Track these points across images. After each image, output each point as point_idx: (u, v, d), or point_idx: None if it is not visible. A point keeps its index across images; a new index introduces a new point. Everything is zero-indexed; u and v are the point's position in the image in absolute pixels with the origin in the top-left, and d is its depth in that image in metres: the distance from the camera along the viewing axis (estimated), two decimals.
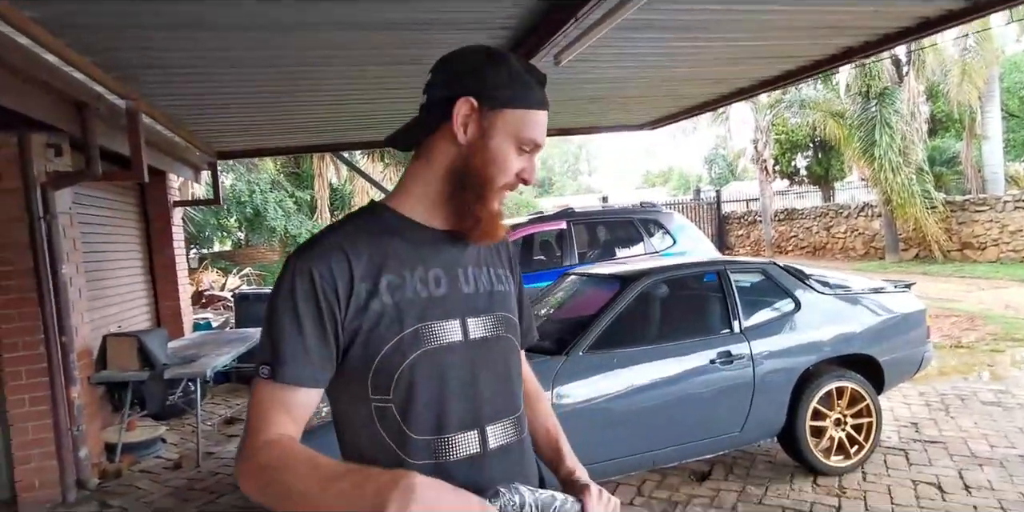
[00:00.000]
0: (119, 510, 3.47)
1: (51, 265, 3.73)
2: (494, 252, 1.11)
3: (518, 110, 0.97)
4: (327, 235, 0.97)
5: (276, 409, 0.88)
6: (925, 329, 3.73)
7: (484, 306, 1.02)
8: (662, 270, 3.63)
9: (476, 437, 0.97)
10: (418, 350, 0.94)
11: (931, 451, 3.56)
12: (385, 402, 0.94)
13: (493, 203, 0.99)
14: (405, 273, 0.96)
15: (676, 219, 6.94)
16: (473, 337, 1.00)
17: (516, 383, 1.06)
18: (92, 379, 4.15)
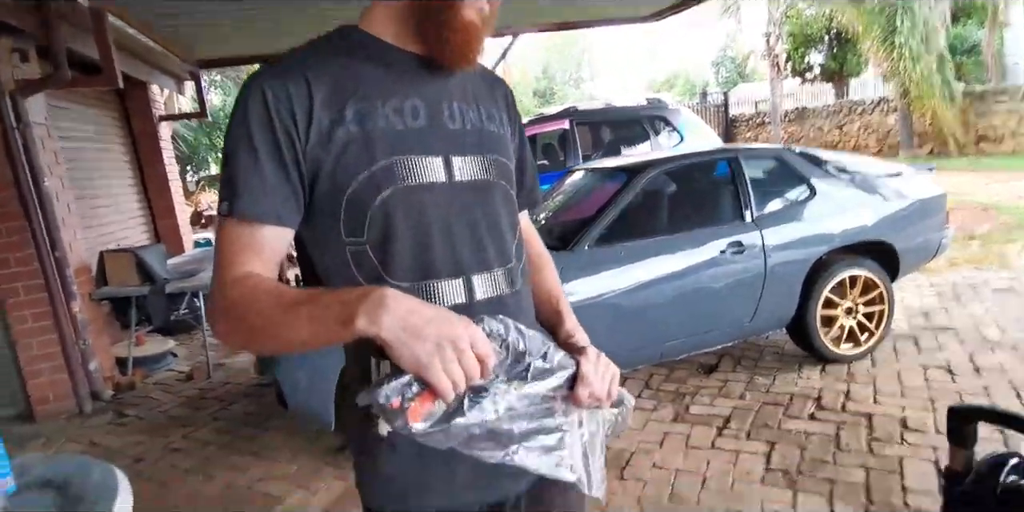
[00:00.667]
0: (135, 419, 3.53)
1: (32, 177, 3.60)
2: (488, 91, 0.97)
3: None
4: (286, 57, 0.85)
5: (242, 250, 0.80)
6: (944, 214, 3.58)
7: (473, 145, 0.89)
8: (671, 160, 3.44)
9: (461, 287, 0.87)
10: (392, 186, 0.82)
11: (941, 337, 3.52)
12: (359, 245, 0.84)
13: (466, 9, 0.81)
14: (376, 101, 0.83)
15: (683, 115, 6.63)
16: (459, 179, 0.87)
17: (509, 234, 0.93)
18: (93, 295, 4.13)
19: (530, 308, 0.98)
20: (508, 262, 0.92)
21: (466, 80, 0.93)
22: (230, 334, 0.80)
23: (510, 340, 0.75)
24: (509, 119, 1.00)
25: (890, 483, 2.24)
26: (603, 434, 0.91)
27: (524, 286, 0.96)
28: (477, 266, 0.88)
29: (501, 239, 0.92)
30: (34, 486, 1.48)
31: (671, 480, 2.40)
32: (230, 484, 2.66)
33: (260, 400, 3.59)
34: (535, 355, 0.78)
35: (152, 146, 6.30)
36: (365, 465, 0.93)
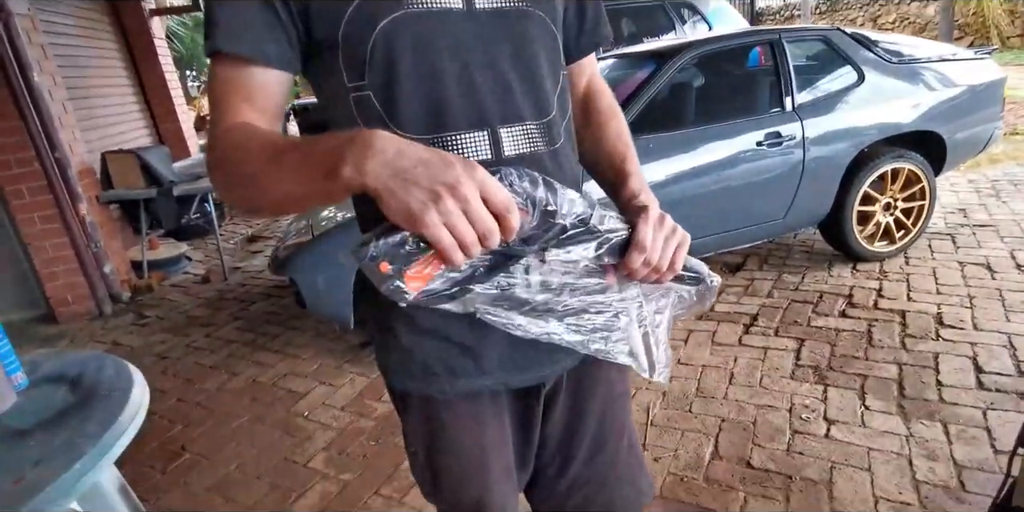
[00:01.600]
0: (156, 319, 3.54)
1: (21, 74, 3.40)
2: None
3: None
4: None
5: (233, 95, 0.69)
6: (1001, 103, 3.31)
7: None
8: (706, 43, 3.14)
9: (486, 139, 0.72)
10: (396, 11, 0.66)
11: (980, 234, 3.37)
12: (361, 89, 0.70)
13: None
14: None
15: (712, 1, 6.10)
16: (481, 6, 0.70)
17: (548, 80, 0.76)
18: (100, 198, 4.03)
19: (574, 170, 0.82)
20: (546, 114, 0.76)
21: None
22: (223, 188, 0.69)
23: (537, 196, 0.59)
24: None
25: (924, 378, 2.19)
26: (670, 314, 0.80)
27: (567, 143, 0.80)
28: (504, 117, 0.72)
29: (536, 85, 0.75)
30: (46, 382, 1.45)
31: (697, 375, 2.37)
32: (254, 380, 2.68)
33: (279, 301, 3.57)
34: (569, 216, 0.62)
35: (146, 44, 5.96)
36: (383, 341, 0.83)
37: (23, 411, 1.33)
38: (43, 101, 3.49)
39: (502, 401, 0.86)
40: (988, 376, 2.14)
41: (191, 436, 2.30)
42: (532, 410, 0.88)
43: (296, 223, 3.41)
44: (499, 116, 0.72)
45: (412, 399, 0.85)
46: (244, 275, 4.15)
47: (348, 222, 2.69)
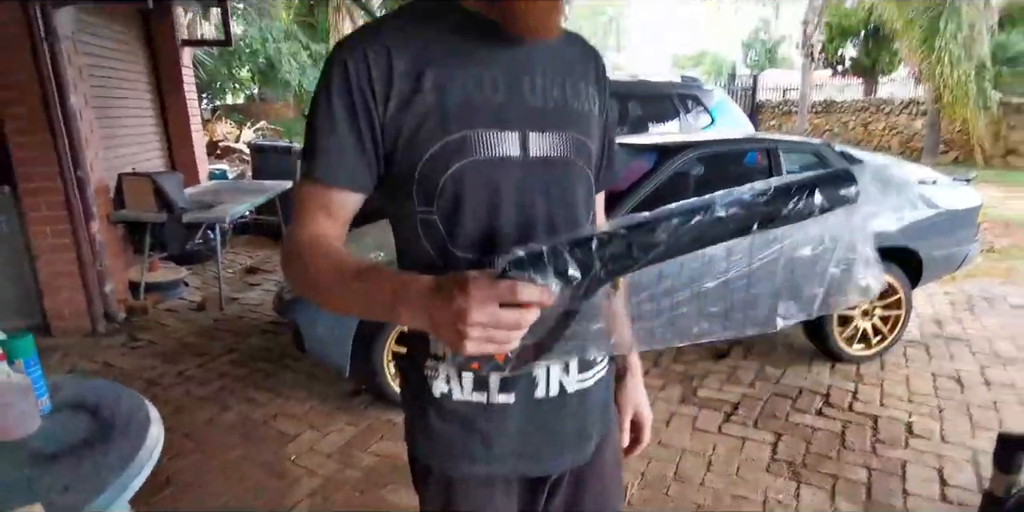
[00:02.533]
0: (148, 343, 3.56)
1: (59, 93, 3.57)
2: (578, 63, 0.93)
3: None
4: (371, 25, 0.85)
5: (315, 208, 0.84)
6: (976, 226, 3.56)
7: (552, 122, 0.86)
8: (706, 144, 3.39)
9: None
10: (465, 158, 0.81)
11: (953, 347, 3.55)
12: (429, 214, 0.84)
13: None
14: (456, 71, 0.81)
15: (716, 96, 6.49)
16: (534, 155, 0.85)
17: (582, 215, 0.91)
18: (112, 217, 4.11)
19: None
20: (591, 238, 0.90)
21: (556, 51, 0.89)
22: (295, 284, 0.85)
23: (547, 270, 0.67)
24: (599, 93, 0.96)
25: (891, 485, 2.29)
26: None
27: None
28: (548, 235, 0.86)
29: (575, 221, 0.90)
30: (66, 407, 1.51)
31: (676, 459, 2.45)
32: (246, 416, 2.71)
33: (275, 337, 3.62)
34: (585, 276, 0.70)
35: (173, 71, 6.17)
36: (415, 420, 0.95)
37: (48, 435, 1.39)
38: (74, 120, 3.62)
39: (513, 488, 0.96)
40: (952, 489, 2.25)
41: (178, 467, 2.32)
42: (537, 498, 0.99)
43: None
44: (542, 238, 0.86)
45: (432, 475, 0.95)
46: (240, 307, 4.20)
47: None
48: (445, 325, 0.65)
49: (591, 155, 0.93)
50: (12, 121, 3.52)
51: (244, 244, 6.05)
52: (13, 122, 3.52)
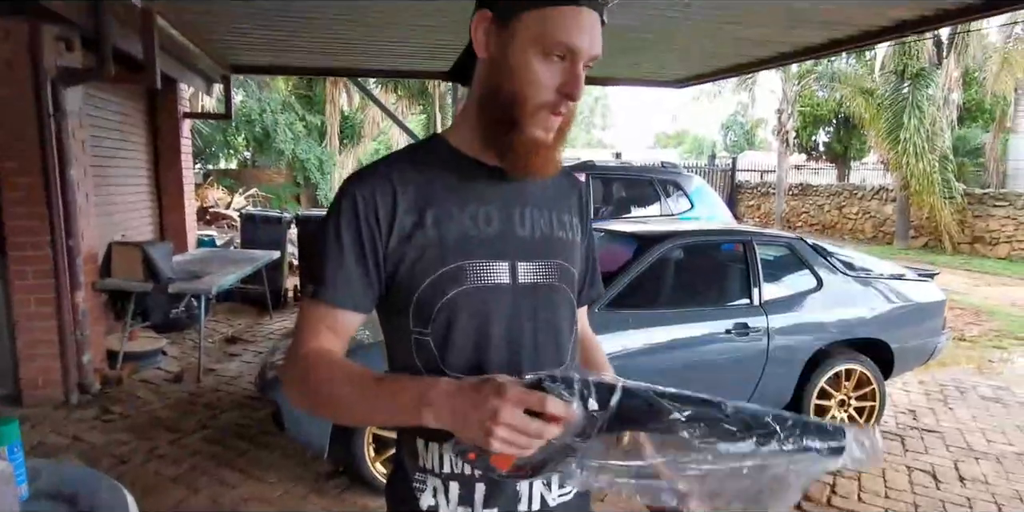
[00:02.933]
0: (120, 416, 3.49)
1: (60, 166, 3.66)
2: (563, 196, 1.03)
3: (538, 10, 0.83)
4: (379, 163, 0.95)
5: (319, 325, 0.90)
6: (942, 320, 3.70)
7: (539, 251, 0.95)
8: (686, 235, 3.54)
9: None
10: (460, 287, 0.90)
11: (927, 440, 3.59)
12: (424, 335, 0.92)
13: (529, 129, 0.87)
14: (454, 208, 0.91)
15: (695, 182, 6.79)
16: (522, 282, 0.94)
17: (565, 336, 0.99)
18: (97, 285, 4.13)
19: None
20: (562, 363, 0.98)
21: (543, 185, 0.99)
22: (298, 398, 0.89)
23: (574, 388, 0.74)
24: (580, 220, 1.06)
25: None
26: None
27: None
28: (532, 365, 0.93)
29: (557, 342, 0.97)
30: (43, 495, 1.49)
31: None
32: (215, 500, 2.64)
33: (251, 412, 3.57)
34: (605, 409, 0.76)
35: (172, 141, 6.37)
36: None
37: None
38: (72, 192, 3.70)
39: None
40: None
41: None
42: None
43: (286, 340, 3.51)
44: (529, 365, 0.93)
45: None
46: (218, 379, 4.15)
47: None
48: (474, 422, 0.71)
49: (574, 279, 1.02)
50: (11, 191, 3.59)
51: (226, 312, 6.03)
52: (12, 192, 3.59)
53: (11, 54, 3.50)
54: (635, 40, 4.85)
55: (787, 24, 4.26)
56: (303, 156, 14.17)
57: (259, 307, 6.06)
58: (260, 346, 4.94)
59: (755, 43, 4.95)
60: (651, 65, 6.13)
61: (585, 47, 0.84)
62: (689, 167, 17.87)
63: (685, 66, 6.16)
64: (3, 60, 3.49)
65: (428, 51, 5.34)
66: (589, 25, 0.84)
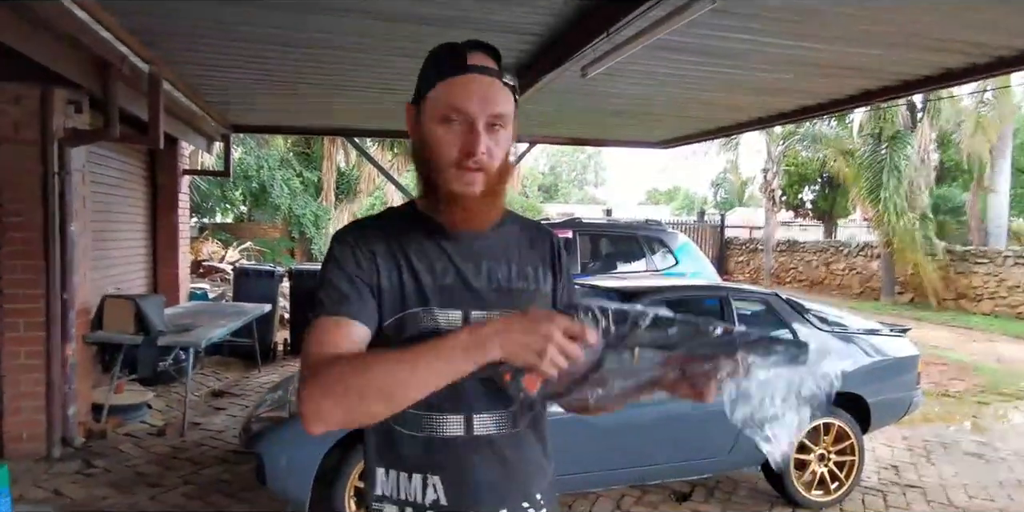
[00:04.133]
0: (102, 471, 3.47)
1: (61, 221, 3.77)
2: (529, 249, 1.13)
3: (435, 88, 1.00)
4: (364, 219, 1.13)
5: (327, 336, 0.95)
6: (916, 375, 3.77)
7: (495, 301, 1.05)
8: (665, 290, 3.66)
9: (461, 422, 1.03)
10: (414, 330, 1.01)
11: (909, 495, 3.59)
12: None
13: (446, 185, 1.00)
14: (416, 262, 1.04)
15: (680, 239, 6.97)
16: (475, 318, 1.03)
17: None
18: (87, 338, 4.17)
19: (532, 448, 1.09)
20: (509, 405, 1.05)
21: (506, 241, 1.11)
22: (332, 405, 0.87)
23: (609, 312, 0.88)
24: (552, 268, 1.15)
25: None
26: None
27: (528, 428, 1.08)
28: (479, 406, 1.03)
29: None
30: None
31: None
32: None
33: (234, 467, 3.55)
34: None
35: (170, 197, 6.54)
36: None
37: None
38: (70, 247, 3.80)
39: None
40: None
41: None
42: None
43: (272, 393, 3.55)
44: (476, 405, 1.03)
45: None
46: (202, 433, 4.14)
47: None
48: (529, 344, 0.82)
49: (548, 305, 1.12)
50: (10, 245, 3.69)
51: (215, 365, 6.03)
52: (11, 245, 3.69)
53: (21, 117, 3.68)
54: (619, 105, 5.13)
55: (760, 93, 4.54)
56: (299, 211, 14.38)
57: (248, 361, 6.07)
58: (247, 400, 4.94)
59: (732, 108, 5.24)
60: (635, 128, 6.43)
61: (473, 108, 0.98)
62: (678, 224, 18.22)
63: (668, 128, 6.45)
64: (13, 122, 3.66)
65: None
66: (478, 88, 0.98)
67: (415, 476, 1.02)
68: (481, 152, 0.98)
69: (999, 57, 3.59)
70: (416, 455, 1.02)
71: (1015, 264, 11.24)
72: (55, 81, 3.62)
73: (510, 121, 1.03)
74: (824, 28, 3.15)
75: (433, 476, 1.02)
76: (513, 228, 1.14)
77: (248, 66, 4.08)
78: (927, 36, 3.23)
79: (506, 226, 1.13)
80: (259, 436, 2.77)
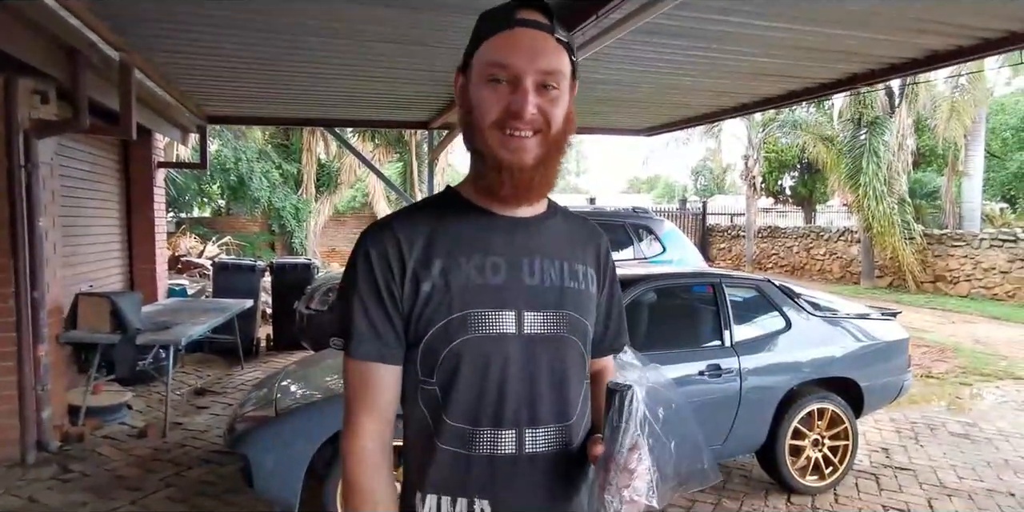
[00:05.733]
0: (80, 475, 3.35)
1: (28, 217, 3.63)
2: (579, 246, 1.04)
3: (482, 47, 0.91)
4: (390, 217, 0.99)
5: (364, 388, 0.94)
6: (906, 358, 3.78)
7: (548, 301, 0.96)
8: (657, 278, 3.61)
9: (512, 437, 0.93)
10: (464, 336, 0.92)
11: (901, 478, 3.61)
12: (430, 384, 0.94)
13: (491, 150, 0.90)
14: (461, 258, 0.93)
15: (666, 226, 6.94)
16: (528, 332, 0.94)
17: (571, 390, 0.98)
18: (60, 338, 4.03)
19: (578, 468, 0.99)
20: (566, 419, 0.97)
21: (555, 235, 1.00)
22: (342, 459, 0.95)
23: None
24: (598, 272, 1.06)
25: None
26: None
27: (578, 445, 0.99)
28: (531, 420, 0.94)
29: (562, 395, 0.96)
30: None
31: None
32: None
33: (218, 468, 3.45)
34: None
35: (145, 191, 6.35)
36: None
37: None
38: (39, 243, 3.65)
39: None
40: None
41: None
42: None
43: (257, 391, 3.45)
44: (527, 419, 0.93)
45: None
46: (184, 433, 4.03)
47: (314, 404, 2.79)
48: None
49: (584, 330, 1.01)
50: None
51: (196, 363, 5.89)
52: None
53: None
54: (604, 92, 5.05)
55: (747, 77, 4.49)
56: (279, 204, 14.15)
57: (230, 357, 5.94)
58: (230, 398, 4.82)
59: (717, 94, 5.19)
60: (620, 115, 6.37)
61: (520, 63, 0.87)
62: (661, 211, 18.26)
63: (653, 116, 6.40)
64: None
65: (404, 102, 5.48)
66: (527, 43, 0.88)
67: (459, 501, 0.92)
68: (531, 112, 0.87)
69: (984, 39, 3.58)
70: (460, 476, 0.93)
71: (991, 246, 11.41)
72: (19, 70, 3.46)
73: (566, 81, 0.91)
74: (813, 11, 3.10)
75: (481, 500, 0.92)
76: (559, 220, 1.04)
77: (223, 53, 3.94)
78: (914, 18, 3.20)
79: (555, 217, 1.03)
80: (244, 436, 2.68)
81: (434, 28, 3.28)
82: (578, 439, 0.99)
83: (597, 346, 1.08)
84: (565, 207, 1.09)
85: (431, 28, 3.30)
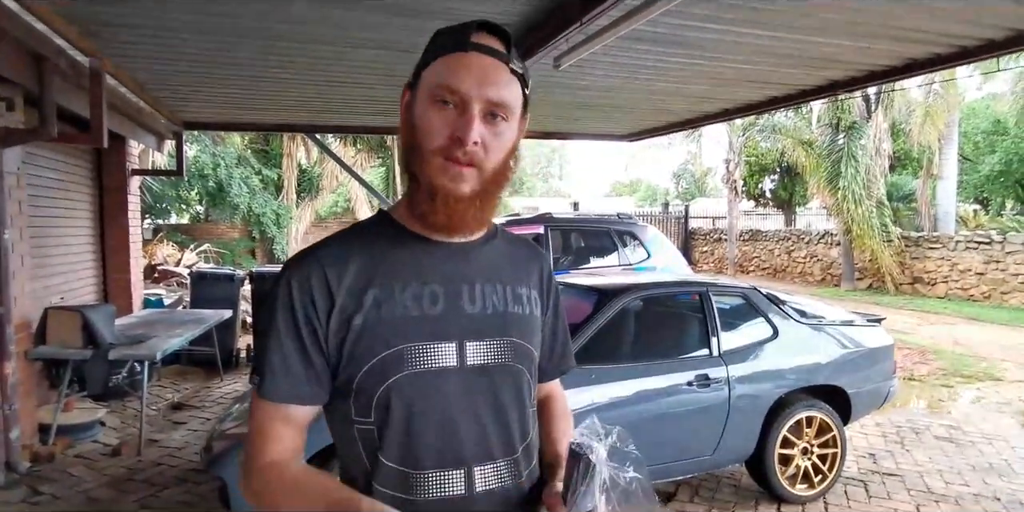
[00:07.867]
0: (50, 498, 3.23)
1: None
2: (520, 269, 0.99)
3: (431, 66, 0.86)
4: (319, 245, 0.92)
5: (271, 424, 0.87)
6: (892, 363, 3.78)
7: (491, 329, 0.91)
8: (644, 287, 3.57)
9: (461, 477, 0.88)
10: (400, 373, 0.86)
11: (889, 484, 3.60)
12: (367, 425, 0.87)
13: (429, 176, 0.85)
14: (396, 287, 0.87)
15: (651, 232, 6.93)
16: (471, 363, 0.89)
17: (516, 418, 0.92)
18: (29, 354, 3.90)
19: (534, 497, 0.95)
20: (513, 452, 0.92)
21: (494, 258, 0.96)
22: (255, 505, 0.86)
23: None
24: (542, 294, 1.01)
25: None
26: None
27: (527, 477, 0.95)
28: (479, 456, 0.89)
29: (509, 428, 0.92)
30: None
31: None
32: None
33: (195, 487, 3.34)
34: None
35: (119, 199, 6.19)
36: None
37: None
38: (5, 256, 3.53)
39: None
40: None
41: None
42: None
43: (236, 405, 3.36)
44: (475, 456, 0.88)
45: None
46: (160, 451, 3.90)
47: None
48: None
49: (532, 356, 0.96)
50: None
51: (173, 375, 5.74)
52: None
53: None
54: (585, 98, 5.03)
55: (729, 84, 4.50)
56: (259, 210, 13.94)
57: (209, 369, 5.80)
58: (209, 412, 4.70)
59: (700, 100, 5.19)
60: (602, 120, 6.35)
61: (469, 89, 0.82)
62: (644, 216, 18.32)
63: (636, 121, 6.40)
64: None
65: (384, 107, 5.41)
66: (478, 69, 0.83)
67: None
68: (473, 141, 0.82)
69: (962, 47, 3.61)
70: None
71: (966, 248, 11.58)
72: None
73: (514, 114, 0.87)
74: (795, 19, 3.11)
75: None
76: (499, 242, 0.99)
77: (199, 58, 3.85)
78: (894, 26, 3.23)
79: (495, 240, 0.98)
80: (222, 457, 2.59)
81: (414, 33, 3.23)
82: (527, 470, 0.94)
83: (543, 370, 1.04)
84: (505, 229, 1.04)
85: (410, 33, 3.25)
